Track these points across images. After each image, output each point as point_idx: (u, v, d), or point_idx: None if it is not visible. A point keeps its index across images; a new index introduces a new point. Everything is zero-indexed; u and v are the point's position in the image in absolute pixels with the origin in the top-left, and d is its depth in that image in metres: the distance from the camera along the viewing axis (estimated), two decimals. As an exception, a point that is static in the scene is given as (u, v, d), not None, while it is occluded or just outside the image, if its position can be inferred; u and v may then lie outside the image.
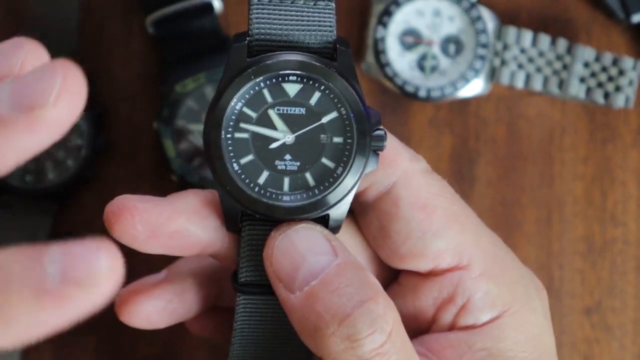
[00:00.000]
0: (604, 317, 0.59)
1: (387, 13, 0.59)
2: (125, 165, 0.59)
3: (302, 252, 0.37)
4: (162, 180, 0.59)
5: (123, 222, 0.38)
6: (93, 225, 0.59)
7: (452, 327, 0.40)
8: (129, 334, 0.58)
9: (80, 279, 0.26)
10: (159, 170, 0.59)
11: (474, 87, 0.60)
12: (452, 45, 0.60)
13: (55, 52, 0.59)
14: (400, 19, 0.60)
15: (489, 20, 0.59)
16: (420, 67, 0.60)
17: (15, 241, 0.57)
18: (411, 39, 0.60)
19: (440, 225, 0.39)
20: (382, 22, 0.59)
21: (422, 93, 0.59)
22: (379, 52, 0.59)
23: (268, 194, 0.38)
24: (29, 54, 0.29)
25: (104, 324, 0.58)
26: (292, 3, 0.38)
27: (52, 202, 0.58)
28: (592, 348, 0.60)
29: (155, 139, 0.58)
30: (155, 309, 0.43)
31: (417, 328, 0.41)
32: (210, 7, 0.58)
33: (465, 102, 0.61)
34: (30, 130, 0.28)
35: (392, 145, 0.40)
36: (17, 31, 0.59)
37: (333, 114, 0.38)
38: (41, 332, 0.27)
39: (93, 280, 0.26)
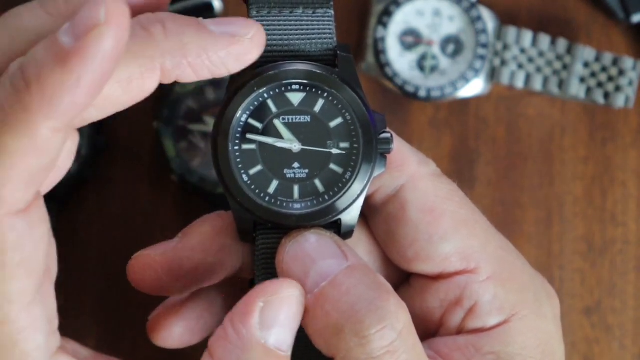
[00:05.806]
0: (604, 317, 0.60)
1: (387, 13, 0.59)
2: (125, 165, 0.59)
3: (312, 257, 0.37)
4: (162, 180, 0.59)
5: (149, 279, 0.39)
6: (93, 225, 0.59)
7: (460, 331, 0.40)
8: (128, 335, 0.58)
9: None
10: (159, 170, 0.59)
11: (474, 87, 0.60)
12: (452, 45, 0.60)
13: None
14: (400, 19, 0.60)
15: (489, 20, 0.59)
16: (420, 67, 0.60)
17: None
18: (411, 39, 0.60)
19: (447, 229, 0.39)
20: (382, 22, 0.59)
21: (422, 93, 0.59)
22: (379, 52, 0.59)
23: (279, 203, 0.38)
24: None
25: (104, 325, 0.58)
26: (291, 13, 0.39)
27: (52, 202, 0.57)
28: (592, 348, 0.60)
29: (155, 139, 0.58)
30: (187, 329, 0.43)
31: (426, 330, 0.41)
32: (210, 7, 0.58)
33: (465, 102, 0.61)
34: (228, 48, 0.35)
35: (401, 148, 0.40)
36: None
37: (338, 120, 0.38)
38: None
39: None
